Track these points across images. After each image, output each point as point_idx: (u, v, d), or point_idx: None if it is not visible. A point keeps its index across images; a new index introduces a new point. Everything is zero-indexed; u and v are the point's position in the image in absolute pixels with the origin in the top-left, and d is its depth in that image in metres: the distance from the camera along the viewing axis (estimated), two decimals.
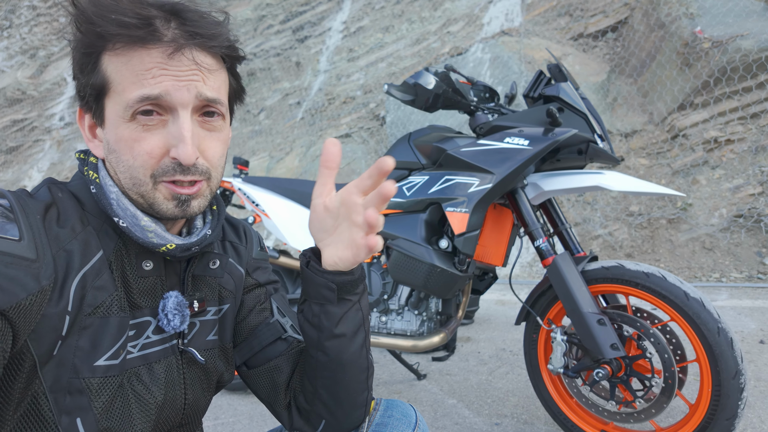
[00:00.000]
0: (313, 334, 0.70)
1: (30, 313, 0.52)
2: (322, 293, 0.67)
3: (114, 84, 0.58)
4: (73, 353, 0.57)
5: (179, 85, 0.58)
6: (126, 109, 0.58)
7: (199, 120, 0.62)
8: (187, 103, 0.59)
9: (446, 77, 1.65)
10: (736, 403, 1.26)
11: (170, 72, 0.57)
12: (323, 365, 0.71)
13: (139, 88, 0.57)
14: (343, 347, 0.70)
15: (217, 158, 0.64)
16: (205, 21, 0.60)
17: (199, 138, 0.61)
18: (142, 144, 0.59)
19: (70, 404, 0.57)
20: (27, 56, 11.73)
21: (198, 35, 0.59)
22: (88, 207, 0.63)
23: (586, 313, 1.41)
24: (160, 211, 0.62)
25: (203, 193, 0.64)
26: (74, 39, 0.59)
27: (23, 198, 0.58)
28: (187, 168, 0.60)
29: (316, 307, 0.69)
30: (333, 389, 0.72)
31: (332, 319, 0.68)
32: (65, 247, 0.57)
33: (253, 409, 2.03)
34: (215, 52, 0.62)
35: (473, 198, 1.57)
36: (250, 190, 2.24)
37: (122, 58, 0.58)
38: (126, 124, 0.59)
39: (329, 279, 0.66)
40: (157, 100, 0.57)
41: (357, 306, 0.70)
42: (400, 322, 1.85)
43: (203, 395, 0.75)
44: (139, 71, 0.57)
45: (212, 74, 0.61)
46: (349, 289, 0.68)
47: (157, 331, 0.67)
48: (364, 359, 0.73)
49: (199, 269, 0.73)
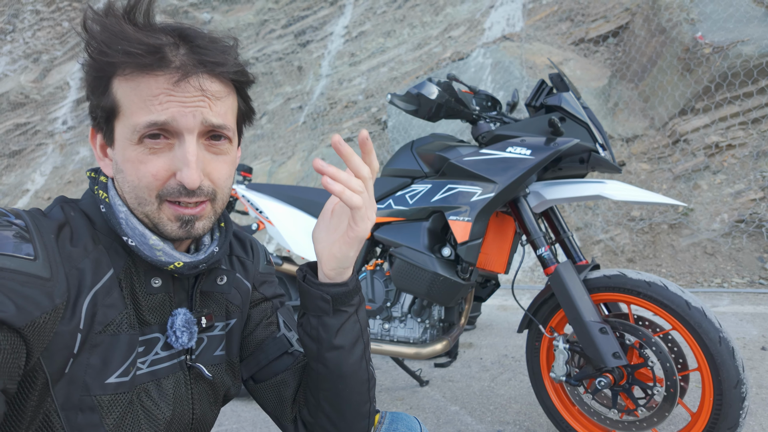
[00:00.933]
0: (313, 346, 0.72)
1: (44, 331, 0.53)
2: (318, 305, 0.69)
3: (123, 108, 0.60)
4: (84, 371, 0.58)
5: (185, 111, 0.59)
6: (134, 132, 0.59)
7: (206, 143, 0.63)
8: (193, 128, 0.60)
9: (449, 87, 1.67)
10: (738, 412, 1.27)
11: (177, 98, 0.59)
12: (324, 377, 0.72)
13: (146, 114, 0.58)
14: (342, 359, 0.71)
15: (222, 180, 0.65)
16: (213, 47, 0.61)
17: (204, 161, 0.63)
18: (148, 166, 0.60)
19: (82, 422, 0.58)
20: (30, 60, 11.79)
21: (206, 62, 0.60)
22: (98, 226, 0.64)
23: (588, 321, 1.42)
24: (164, 231, 0.63)
25: (207, 215, 0.65)
26: (86, 62, 0.61)
27: (38, 218, 0.59)
28: (191, 191, 0.61)
29: (314, 319, 0.70)
30: (334, 401, 0.74)
31: (330, 330, 0.70)
32: (77, 265, 0.59)
33: (256, 416, 2.04)
34: (223, 77, 0.63)
35: (476, 207, 1.59)
36: (254, 197, 2.26)
37: (131, 83, 0.59)
38: (133, 146, 0.60)
39: (324, 291, 0.68)
40: (163, 126, 0.59)
41: (354, 317, 0.72)
42: (403, 330, 1.86)
43: (210, 409, 0.76)
44: (146, 97, 0.58)
45: (219, 100, 0.62)
46: (344, 300, 0.70)
47: (166, 347, 0.68)
48: (364, 371, 0.74)
49: (206, 285, 0.74)
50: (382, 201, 1.84)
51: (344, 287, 0.69)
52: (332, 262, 0.68)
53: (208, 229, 0.66)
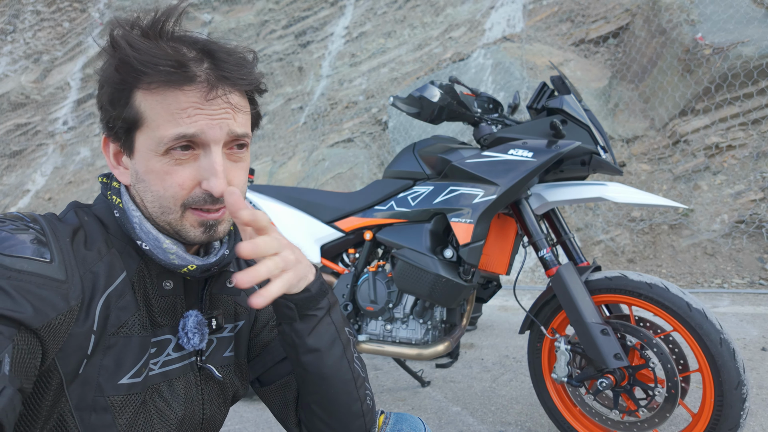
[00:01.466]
0: (291, 352, 0.72)
1: (59, 332, 0.54)
2: (285, 312, 0.69)
3: (148, 120, 0.61)
4: (97, 372, 0.60)
5: (213, 123, 0.61)
6: (160, 144, 0.61)
7: (228, 152, 0.65)
8: (220, 139, 0.62)
9: (451, 90, 1.68)
10: (738, 413, 1.28)
11: (205, 112, 0.61)
12: (307, 381, 0.73)
13: (175, 127, 0.60)
14: (321, 361, 0.71)
15: (242, 185, 0.68)
16: (234, 60, 0.64)
17: (227, 170, 0.65)
18: (174, 177, 0.62)
19: (96, 422, 0.60)
20: (31, 61, 11.80)
21: (230, 77, 0.62)
22: (111, 230, 0.66)
23: (590, 323, 1.43)
24: (187, 237, 0.65)
25: (227, 218, 0.68)
26: (105, 74, 0.62)
27: (53, 222, 0.61)
28: (216, 198, 0.63)
29: (286, 326, 0.70)
30: (323, 404, 0.74)
31: (302, 335, 0.70)
32: (92, 268, 0.60)
33: (259, 416, 2.05)
34: (242, 89, 0.65)
35: (478, 209, 1.60)
36: (256, 199, 2.26)
37: (157, 96, 0.60)
38: (158, 157, 0.62)
39: (287, 299, 0.67)
40: (192, 138, 0.61)
41: (327, 319, 0.72)
42: (405, 331, 1.87)
43: (219, 410, 0.77)
44: (174, 110, 0.60)
45: (241, 110, 0.65)
46: (308, 305, 0.69)
47: (177, 348, 0.69)
48: (346, 370, 0.74)
49: (216, 288, 0.75)
50: (384, 202, 1.85)
51: (306, 293, 0.68)
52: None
53: (227, 232, 0.69)
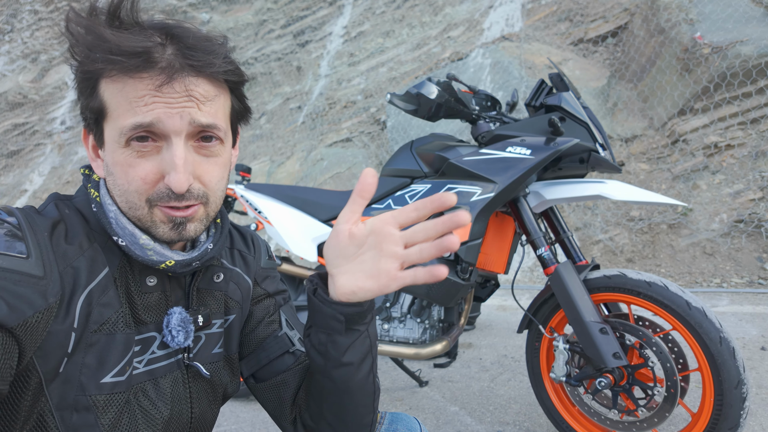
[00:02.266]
0: (320, 361, 0.69)
1: (36, 331, 0.52)
2: (330, 324, 0.65)
3: (110, 109, 0.59)
4: (79, 370, 0.58)
5: (172, 112, 0.57)
6: (121, 135, 0.58)
7: (195, 145, 0.61)
8: (180, 130, 0.58)
9: (448, 87, 1.66)
10: (738, 413, 1.27)
11: (163, 99, 0.57)
12: (329, 391, 0.70)
13: (132, 116, 0.57)
14: (351, 375, 0.69)
15: (214, 182, 0.64)
16: (202, 46, 0.59)
17: (195, 164, 0.61)
18: (137, 170, 0.59)
19: (77, 422, 0.58)
20: (28, 60, 11.77)
21: (195, 63, 0.58)
22: (93, 224, 0.63)
23: (588, 321, 1.42)
24: (156, 234, 0.62)
25: (199, 217, 0.63)
26: (73, 63, 0.60)
27: (31, 215, 0.58)
28: (180, 195, 0.60)
29: (323, 335, 0.67)
30: (339, 413, 0.72)
31: (339, 348, 0.67)
32: (72, 264, 0.58)
33: (255, 416, 2.03)
34: (213, 77, 0.61)
35: (475, 207, 1.58)
36: (253, 197, 2.25)
37: (118, 84, 0.58)
38: (121, 149, 0.59)
39: (337, 310, 0.64)
40: (150, 128, 0.57)
41: (365, 334, 0.69)
42: (403, 330, 1.85)
43: (210, 408, 0.75)
44: (132, 98, 0.57)
45: (208, 99, 0.60)
46: (357, 320, 0.66)
47: (163, 346, 0.67)
48: (371, 384, 0.72)
49: (203, 283, 0.73)
50: (381, 201, 1.83)
51: (359, 307, 0.64)
52: (351, 296, 0.63)
53: (201, 232, 0.65)
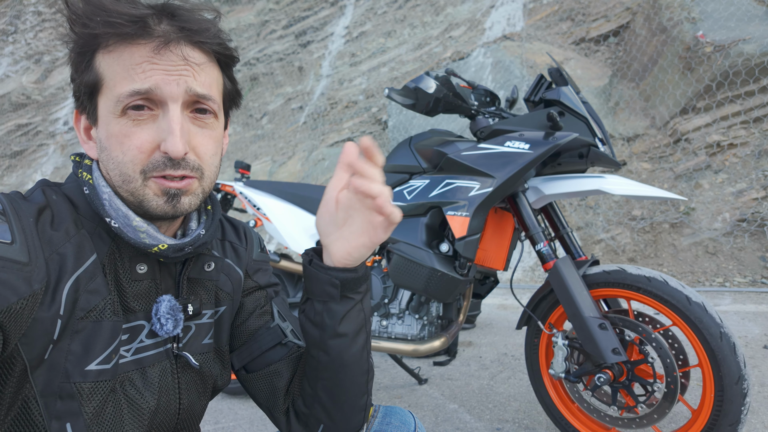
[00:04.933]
0: (315, 333, 0.70)
1: (21, 318, 0.51)
2: (326, 290, 0.67)
3: (106, 80, 0.59)
4: (64, 357, 0.57)
5: (169, 79, 0.58)
6: (117, 103, 0.58)
7: (191, 116, 0.62)
8: (177, 96, 0.59)
9: (447, 81, 1.65)
10: (739, 409, 1.25)
11: (160, 66, 0.58)
12: (324, 365, 0.71)
13: (129, 83, 0.58)
14: (345, 347, 0.70)
15: (208, 155, 0.64)
16: (195, 17, 0.61)
17: (189, 134, 0.61)
18: (132, 139, 0.59)
19: (61, 409, 0.57)
20: (32, 61, 11.83)
21: (187, 30, 0.60)
22: (81, 210, 0.63)
23: (588, 317, 1.40)
24: (150, 208, 0.61)
25: (194, 191, 0.63)
26: (70, 40, 0.60)
27: (16, 201, 0.57)
28: (176, 162, 0.60)
29: (319, 305, 0.68)
30: (333, 391, 0.72)
31: (335, 317, 0.68)
32: (58, 250, 0.57)
33: (254, 414, 2.02)
34: (205, 48, 0.62)
35: (474, 202, 1.57)
36: (252, 194, 2.24)
37: (114, 54, 0.59)
38: (117, 119, 0.59)
39: (333, 275, 0.66)
40: (147, 95, 0.58)
41: (359, 306, 0.70)
42: (401, 326, 1.84)
43: (199, 400, 0.74)
44: (129, 66, 0.58)
45: (203, 70, 0.62)
46: (352, 286, 0.68)
47: (151, 335, 0.66)
48: (365, 361, 0.73)
49: (194, 272, 0.72)
50: None
51: (354, 273, 0.67)
52: (347, 259, 0.66)
53: (195, 207, 0.64)
